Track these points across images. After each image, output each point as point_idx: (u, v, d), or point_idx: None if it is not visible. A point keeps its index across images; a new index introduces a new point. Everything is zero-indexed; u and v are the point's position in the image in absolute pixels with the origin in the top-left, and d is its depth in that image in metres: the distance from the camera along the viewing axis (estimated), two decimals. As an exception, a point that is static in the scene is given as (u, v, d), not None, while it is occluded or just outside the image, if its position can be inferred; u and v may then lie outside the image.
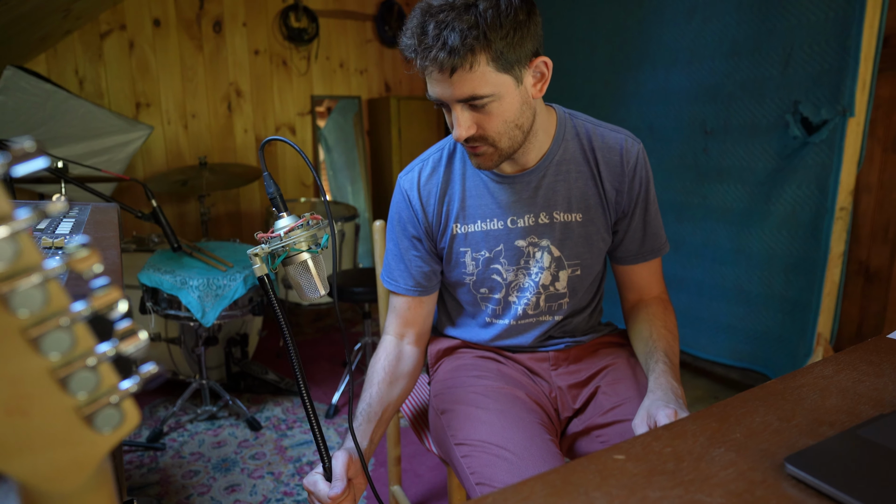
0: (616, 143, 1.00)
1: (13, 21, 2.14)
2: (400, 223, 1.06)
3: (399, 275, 1.06)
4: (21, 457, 0.27)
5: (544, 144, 0.98)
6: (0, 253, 0.25)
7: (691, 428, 0.55)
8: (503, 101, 0.86)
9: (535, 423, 0.92)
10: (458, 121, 0.86)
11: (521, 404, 0.96)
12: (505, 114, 0.87)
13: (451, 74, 0.81)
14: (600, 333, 1.14)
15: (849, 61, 1.65)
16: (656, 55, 2.24)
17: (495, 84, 0.84)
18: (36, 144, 0.26)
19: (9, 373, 0.26)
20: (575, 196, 1.00)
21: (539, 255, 1.02)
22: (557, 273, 1.02)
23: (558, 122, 1.00)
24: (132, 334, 0.29)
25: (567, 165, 0.99)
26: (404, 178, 1.05)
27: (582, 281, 1.05)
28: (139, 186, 2.90)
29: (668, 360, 0.93)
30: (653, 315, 1.04)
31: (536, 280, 1.02)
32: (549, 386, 1.06)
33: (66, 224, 1.03)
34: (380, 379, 1.01)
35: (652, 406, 0.82)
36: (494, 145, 0.89)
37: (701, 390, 2.29)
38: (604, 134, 1.01)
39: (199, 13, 3.10)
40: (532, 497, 0.45)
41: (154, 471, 1.82)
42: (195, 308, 1.87)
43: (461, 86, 0.82)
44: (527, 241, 1.01)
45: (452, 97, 0.84)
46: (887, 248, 1.97)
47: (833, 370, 0.67)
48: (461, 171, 1.03)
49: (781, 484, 0.46)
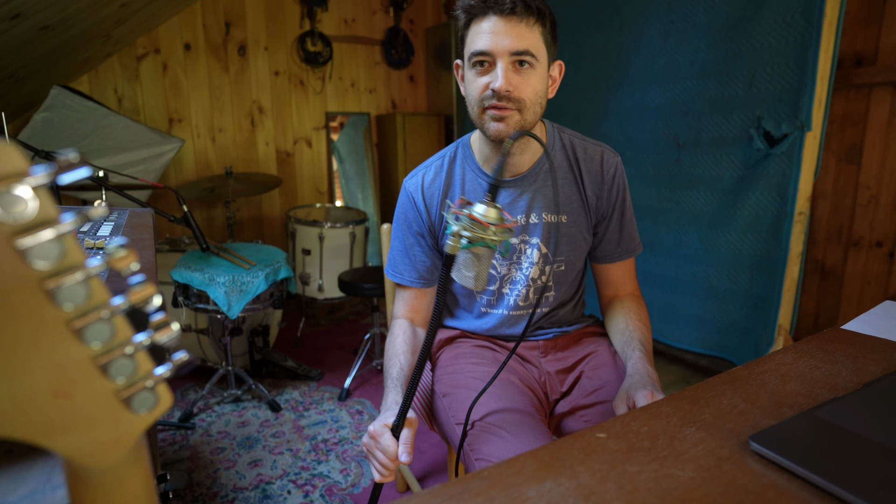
0: (597, 155, 1.01)
1: (60, 45, 2.14)
2: (406, 222, 1.06)
3: (404, 268, 1.07)
4: (66, 435, 0.27)
5: (537, 151, 1.00)
6: (47, 253, 0.25)
7: (665, 409, 0.55)
8: (539, 70, 0.89)
9: (526, 404, 0.92)
10: (504, 73, 0.86)
11: (515, 388, 0.96)
12: (537, 84, 0.89)
13: (522, 24, 0.85)
14: (584, 324, 1.14)
15: (806, 81, 1.65)
16: (634, 76, 2.24)
17: (541, 51, 0.88)
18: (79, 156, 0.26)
19: (55, 360, 0.26)
20: (561, 200, 1.01)
21: (529, 252, 1.02)
22: (544, 268, 1.03)
23: (548, 134, 1.02)
24: (165, 325, 0.29)
25: (555, 173, 1.00)
26: (409, 182, 1.06)
27: (566, 276, 1.05)
28: (171, 193, 2.90)
29: (644, 349, 0.94)
30: (628, 309, 1.04)
31: (527, 274, 1.03)
32: (539, 371, 1.06)
33: (106, 227, 1.03)
34: (403, 350, 1.00)
35: (631, 388, 0.82)
36: (521, 111, 0.89)
37: (674, 375, 2.29)
38: (586, 147, 1.02)
39: (225, 38, 3.10)
40: (524, 471, 0.45)
41: (185, 448, 1.82)
42: (222, 302, 1.87)
43: (521, 38, 0.85)
44: (519, 238, 1.02)
45: (508, 48, 0.85)
46: (841, 249, 1.97)
47: (792, 358, 0.67)
48: (461, 175, 1.03)
49: (746, 459, 0.46)
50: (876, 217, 1.86)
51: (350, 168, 3.66)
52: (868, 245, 1.89)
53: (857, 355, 0.68)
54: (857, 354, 0.68)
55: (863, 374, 0.63)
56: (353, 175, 3.68)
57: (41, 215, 0.24)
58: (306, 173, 3.47)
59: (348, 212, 3.20)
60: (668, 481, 0.43)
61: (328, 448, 1.81)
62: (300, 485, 1.61)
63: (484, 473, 0.44)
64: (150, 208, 1.34)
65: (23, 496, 0.44)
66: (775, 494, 0.42)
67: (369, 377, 2.35)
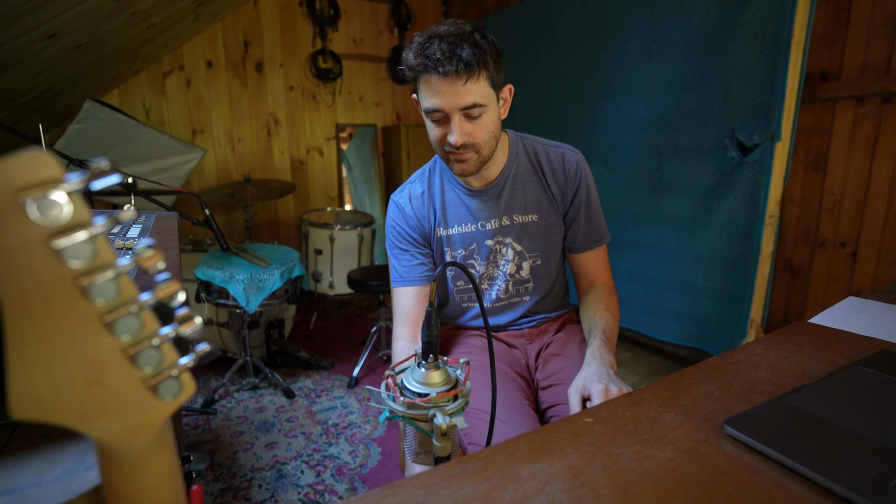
0: (557, 156, 1.01)
1: (92, 62, 2.14)
2: (399, 233, 1.04)
3: (406, 271, 1.03)
4: (98, 420, 0.27)
5: (502, 161, 1.00)
6: (80, 253, 0.25)
7: (647, 396, 0.55)
8: (490, 112, 0.88)
9: (515, 390, 0.92)
10: (457, 128, 0.86)
11: (504, 375, 0.96)
12: (489, 125, 0.89)
13: (465, 83, 0.82)
14: (566, 311, 1.14)
15: (776, 95, 1.65)
16: (619, 91, 2.24)
17: (489, 97, 0.86)
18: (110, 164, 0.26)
19: (88, 351, 0.26)
20: (530, 201, 1.01)
21: (505, 251, 1.03)
22: (521, 263, 1.04)
23: (511, 143, 1.02)
24: (189, 319, 0.29)
25: (521, 177, 1.01)
26: (398, 196, 1.06)
27: (543, 269, 1.05)
28: (195, 198, 2.90)
29: (605, 337, 0.92)
30: (597, 299, 1.02)
31: (505, 270, 1.04)
32: (525, 356, 1.06)
33: (135, 229, 1.03)
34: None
35: (587, 380, 0.79)
36: (478, 152, 0.90)
37: (655, 365, 2.29)
38: (548, 149, 1.02)
39: (244, 56, 3.09)
40: (517, 452, 0.45)
41: (207, 431, 1.82)
42: (241, 298, 1.87)
43: (466, 94, 0.83)
44: (494, 240, 1.02)
45: (457, 105, 0.84)
46: (808, 249, 1.97)
47: (763, 349, 0.67)
48: (440, 187, 1.04)
49: (721, 442, 0.46)
50: (840, 220, 1.86)
51: (358, 175, 3.66)
52: (833, 246, 1.89)
53: (823, 347, 0.68)
54: (822, 346, 0.68)
55: (828, 363, 0.63)
56: (361, 181, 3.68)
57: (75, 218, 0.24)
58: (318, 180, 3.47)
59: (357, 215, 3.20)
60: (650, 462, 0.43)
61: (338, 432, 1.81)
62: (312, 465, 1.61)
63: (480, 455, 0.44)
64: (174, 212, 1.34)
65: (59, 475, 0.44)
66: (748, 474, 0.42)
67: (376, 366, 2.35)
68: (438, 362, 0.50)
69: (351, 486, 1.51)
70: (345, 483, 1.52)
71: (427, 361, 0.50)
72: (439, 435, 0.45)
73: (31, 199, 0.23)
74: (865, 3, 1.71)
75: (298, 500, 1.44)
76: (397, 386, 0.50)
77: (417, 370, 0.50)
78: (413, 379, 0.50)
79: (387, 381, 0.51)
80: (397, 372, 0.52)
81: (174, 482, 0.32)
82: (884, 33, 1.68)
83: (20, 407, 0.25)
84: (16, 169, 0.23)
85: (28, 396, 0.25)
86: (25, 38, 1.54)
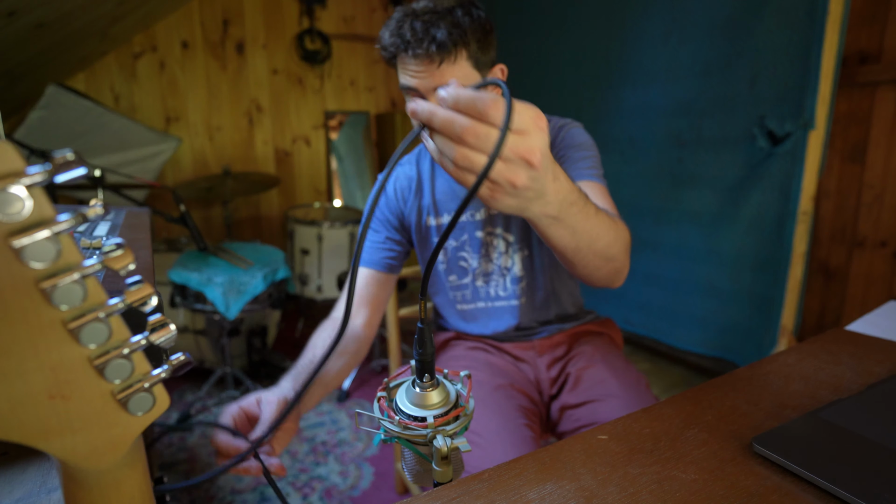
0: (553, 129, 0.99)
1: (56, 43, 2.14)
2: (380, 205, 1.06)
3: (369, 252, 1.03)
4: (62, 437, 0.27)
5: None
6: (43, 253, 0.24)
7: (668, 411, 0.55)
8: None
9: (512, 409, 0.92)
10: None
11: (502, 392, 0.96)
12: None
13: (440, 65, 0.82)
14: (582, 321, 1.13)
15: (810, 79, 1.65)
16: (636, 74, 2.24)
17: (470, 79, 0.86)
18: (75, 155, 0.25)
19: (51, 361, 0.26)
20: None
21: (497, 243, 1.05)
22: (512, 256, 1.05)
23: None
24: (163, 326, 0.29)
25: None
26: (383, 174, 1.05)
27: (533, 262, 1.05)
28: (169, 193, 2.90)
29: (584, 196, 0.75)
30: None
31: (499, 264, 1.05)
32: (534, 371, 1.06)
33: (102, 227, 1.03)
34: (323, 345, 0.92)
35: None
36: None
37: (676, 376, 2.29)
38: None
39: (223, 36, 3.09)
40: (524, 473, 0.45)
41: (182, 450, 1.82)
42: (219, 302, 1.87)
43: (442, 76, 0.83)
44: (484, 231, 1.04)
45: (432, 86, 0.84)
46: (845, 249, 1.97)
47: (796, 359, 0.67)
48: (430, 172, 1.06)
49: (749, 462, 0.46)
50: (880, 217, 1.86)
51: (349, 167, 3.66)
52: (872, 245, 1.89)
53: (861, 356, 0.68)
54: (861, 355, 0.68)
55: (867, 375, 0.63)
56: (352, 174, 3.68)
57: (37, 215, 0.24)
58: (305, 172, 3.47)
59: (347, 211, 3.20)
60: (671, 483, 0.43)
61: (327, 450, 1.81)
62: (298, 487, 1.61)
63: (484, 475, 0.44)
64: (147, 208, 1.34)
65: (17, 499, 0.44)
66: (778, 497, 0.41)
67: (368, 378, 2.35)
68: (436, 380, 0.48)
69: (341, 510, 1.51)
70: (334, 507, 1.52)
71: (422, 381, 0.48)
72: (439, 459, 0.43)
73: (-12, 194, 0.23)
74: (908, -23, 1.71)
75: (283, 526, 1.44)
76: (391, 409, 0.48)
77: (412, 390, 0.48)
78: (408, 400, 0.48)
79: (379, 403, 0.49)
80: (392, 388, 0.51)
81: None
82: (928, 11, 1.68)
83: (-24, 423, 0.25)
84: (-29, 160, 0.23)
85: (-15, 411, 0.25)
86: (-18, 16, 1.54)
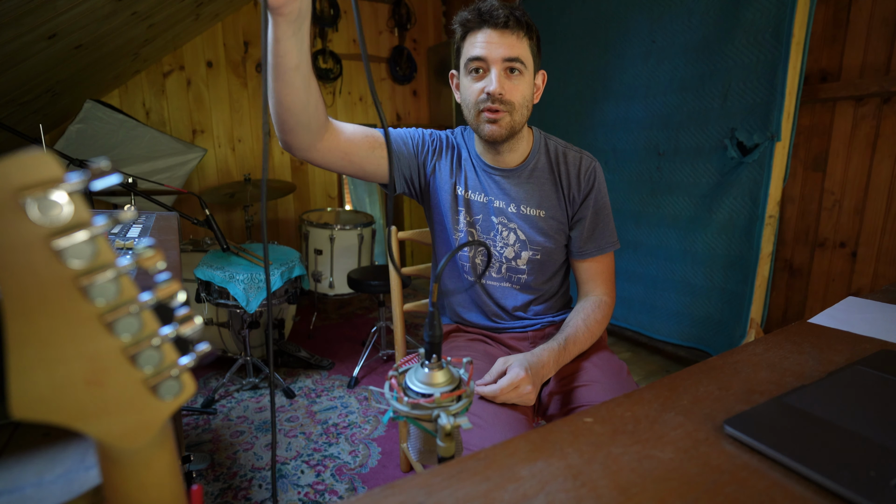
0: (576, 160, 1.04)
1: (93, 63, 2.14)
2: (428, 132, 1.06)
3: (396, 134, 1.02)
4: (98, 420, 0.27)
5: (525, 152, 1.03)
6: (80, 253, 0.25)
7: (647, 396, 0.55)
8: (526, 77, 0.93)
9: None
10: (498, 78, 0.90)
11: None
12: (525, 89, 0.93)
13: (512, 34, 0.89)
14: None
15: (776, 96, 1.65)
16: (618, 91, 2.24)
17: (529, 60, 0.92)
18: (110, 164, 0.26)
19: (89, 351, 0.26)
20: (543, 197, 1.03)
21: (506, 234, 1.03)
22: (520, 252, 1.04)
23: (535, 139, 1.05)
24: (189, 319, 0.29)
25: (538, 173, 1.03)
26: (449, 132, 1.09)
27: (542, 265, 1.05)
28: (195, 198, 2.89)
29: (564, 345, 0.93)
30: (581, 309, 1.02)
31: (501, 252, 1.04)
32: None
33: (135, 229, 1.03)
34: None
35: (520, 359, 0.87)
36: (511, 112, 0.93)
37: (655, 365, 2.29)
38: (567, 152, 1.04)
39: (244, 56, 3.10)
40: (517, 452, 0.45)
41: (207, 431, 1.82)
42: (241, 298, 1.87)
43: (512, 48, 0.89)
44: (498, 219, 1.03)
45: (501, 56, 0.89)
46: (807, 249, 1.97)
47: (763, 349, 0.67)
48: (467, 153, 1.06)
49: (721, 442, 0.46)
50: (839, 220, 1.86)
51: (358, 175, 3.65)
52: (832, 246, 1.89)
53: (823, 346, 0.68)
54: (822, 346, 0.68)
55: (827, 363, 0.63)
56: (360, 182, 3.68)
57: (76, 218, 0.24)
58: (318, 180, 3.47)
59: (357, 215, 3.20)
60: (650, 462, 0.43)
61: (338, 431, 1.81)
62: (312, 465, 1.61)
63: (480, 455, 0.44)
64: (175, 212, 1.34)
65: (59, 475, 0.44)
66: (748, 474, 0.42)
67: (376, 366, 2.35)
68: (442, 362, 0.50)
69: (351, 486, 1.51)
70: (345, 483, 1.52)
71: (430, 362, 0.49)
72: (443, 435, 0.45)
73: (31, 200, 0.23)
74: (865, 3, 1.71)
75: (298, 500, 1.44)
76: (401, 386, 0.49)
77: (421, 370, 0.50)
78: (416, 379, 0.49)
79: (390, 382, 0.51)
80: (401, 372, 0.52)
81: (174, 482, 0.32)
82: (883, 33, 1.68)
83: (21, 407, 0.25)
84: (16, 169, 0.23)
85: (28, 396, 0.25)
86: (26, 38, 1.54)
